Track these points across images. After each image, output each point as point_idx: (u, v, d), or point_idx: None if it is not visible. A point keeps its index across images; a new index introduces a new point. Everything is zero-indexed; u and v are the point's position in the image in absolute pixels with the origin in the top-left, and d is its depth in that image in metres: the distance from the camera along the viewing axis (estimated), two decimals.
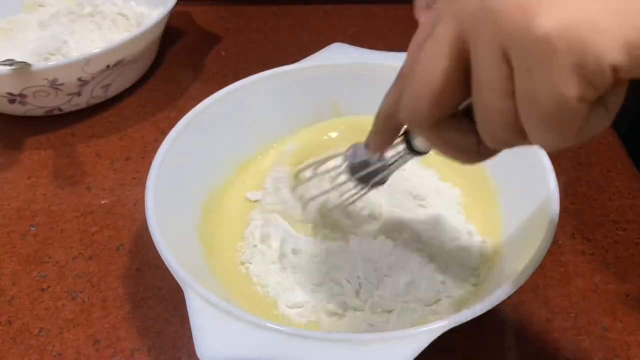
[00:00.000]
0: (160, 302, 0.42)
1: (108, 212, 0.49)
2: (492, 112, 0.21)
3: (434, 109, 0.23)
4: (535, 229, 0.35)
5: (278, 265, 0.41)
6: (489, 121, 0.22)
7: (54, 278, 0.44)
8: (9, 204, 0.50)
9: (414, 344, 0.29)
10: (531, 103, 0.20)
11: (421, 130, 0.25)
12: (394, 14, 0.75)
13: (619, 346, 0.38)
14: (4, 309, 0.42)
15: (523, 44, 0.19)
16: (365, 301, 0.37)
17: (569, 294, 0.41)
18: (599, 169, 0.51)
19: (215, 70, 0.66)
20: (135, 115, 0.60)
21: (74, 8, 0.68)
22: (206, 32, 0.73)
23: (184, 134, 0.43)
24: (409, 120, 0.25)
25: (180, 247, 0.37)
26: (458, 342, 0.38)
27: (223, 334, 0.30)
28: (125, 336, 0.40)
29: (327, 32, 0.72)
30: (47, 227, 0.48)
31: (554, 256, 0.43)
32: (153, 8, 0.68)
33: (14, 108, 0.57)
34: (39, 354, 0.39)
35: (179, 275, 0.33)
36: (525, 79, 0.19)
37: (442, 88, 0.23)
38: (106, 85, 0.59)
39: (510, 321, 0.40)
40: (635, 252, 0.44)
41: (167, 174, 0.40)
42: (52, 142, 0.57)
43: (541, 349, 0.38)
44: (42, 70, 0.53)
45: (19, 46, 0.65)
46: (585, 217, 0.47)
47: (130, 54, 0.58)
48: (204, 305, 0.31)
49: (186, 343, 0.39)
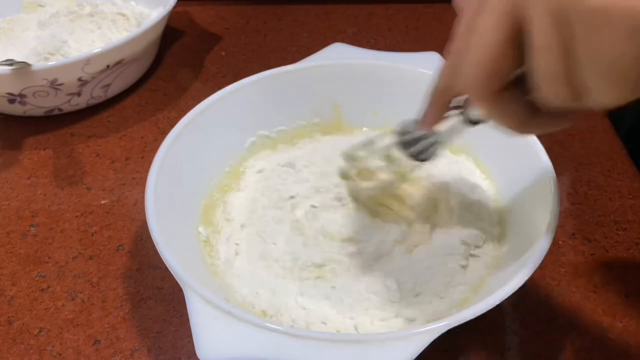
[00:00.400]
0: (160, 302, 0.42)
1: (108, 212, 0.49)
2: (551, 76, 0.23)
3: (492, 78, 0.25)
4: (535, 229, 0.35)
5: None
6: (548, 85, 0.23)
7: (54, 278, 0.44)
8: (8, 204, 0.50)
9: (414, 344, 0.29)
10: (591, 63, 0.21)
11: (480, 99, 0.26)
12: (394, 14, 0.75)
13: (619, 346, 0.38)
14: (3, 309, 0.42)
15: (580, 13, 0.20)
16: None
17: (569, 294, 0.41)
18: (599, 169, 0.51)
19: (215, 70, 0.66)
20: (135, 115, 0.60)
21: (74, 8, 0.68)
22: (206, 32, 0.73)
23: (184, 134, 0.43)
24: (469, 90, 0.26)
25: (180, 247, 0.37)
26: (458, 342, 0.38)
27: (223, 334, 0.30)
28: (125, 336, 0.40)
29: (327, 32, 0.72)
30: (47, 227, 0.48)
31: (554, 256, 0.43)
32: (153, 8, 0.69)
33: (14, 108, 0.57)
34: (39, 354, 0.39)
35: (179, 275, 0.33)
36: (584, 42, 0.21)
37: (499, 57, 0.24)
38: (106, 85, 0.59)
39: (510, 321, 0.40)
40: (635, 252, 0.44)
41: (167, 174, 0.40)
42: (52, 142, 0.57)
43: (541, 349, 0.38)
44: (42, 70, 0.53)
45: (19, 46, 0.65)
46: (585, 217, 0.47)
47: (130, 54, 0.58)
48: (203, 305, 0.31)
49: (186, 343, 0.39)
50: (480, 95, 0.26)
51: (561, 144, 0.53)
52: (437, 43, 0.69)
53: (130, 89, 0.63)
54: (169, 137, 0.42)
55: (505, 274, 0.34)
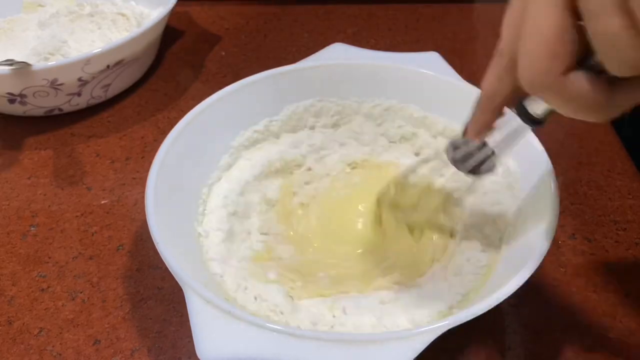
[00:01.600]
0: (160, 302, 0.42)
1: (108, 212, 0.49)
2: (614, 39, 0.22)
3: (553, 61, 0.24)
4: (535, 229, 0.35)
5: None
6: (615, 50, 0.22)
7: (54, 278, 0.44)
8: (9, 204, 0.50)
9: (414, 344, 0.29)
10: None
11: (546, 89, 0.25)
12: (394, 14, 0.75)
13: (619, 346, 0.38)
14: (3, 309, 0.42)
15: None
16: None
17: (569, 294, 0.41)
18: (599, 169, 0.51)
19: (215, 70, 0.66)
20: (135, 115, 0.60)
21: (74, 8, 0.68)
22: (206, 32, 0.73)
23: (184, 134, 0.43)
24: (533, 80, 0.25)
25: (180, 247, 0.37)
26: (458, 342, 0.38)
27: (223, 334, 0.30)
28: (125, 336, 0.40)
29: (327, 32, 0.72)
30: (47, 227, 0.48)
31: (554, 256, 0.43)
32: (153, 8, 0.69)
33: (14, 108, 0.57)
34: (39, 354, 0.39)
35: (179, 275, 0.33)
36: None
37: (558, 38, 0.23)
38: (106, 85, 0.59)
39: (510, 321, 0.40)
40: (635, 252, 0.44)
41: (167, 174, 0.40)
42: (52, 142, 0.57)
43: (541, 349, 0.38)
44: (42, 70, 0.53)
45: (19, 46, 0.65)
46: (585, 217, 0.47)
47: (130, 54, 0.58)
48: (203, 305, 0.31)
49: (186, 343, 0.39)
50: (545, 82, 0.25)
51: (561, 144, 0.53)
52: (437, 43, 0.70)
53: (130, 89, 0.63)
54: (169, 137, 0.42)
55: (505, 274, 0.34)
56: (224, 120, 0.46)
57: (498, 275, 0.37)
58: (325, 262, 0.41)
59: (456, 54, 0.65)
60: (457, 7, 0.76)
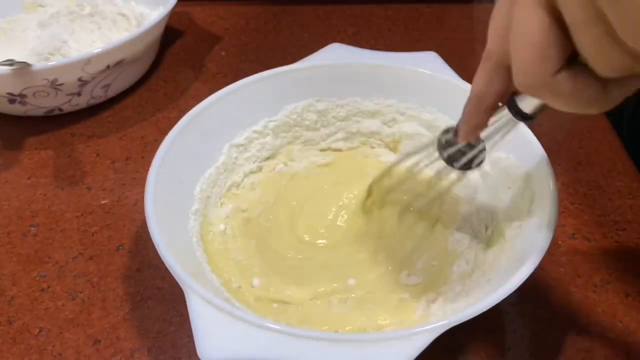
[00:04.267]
0: (160, 302, 0.42)
1: (108, 212, 0.49)
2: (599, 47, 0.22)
3: (546, 64, 0.24)
4: (535, 229, 0.35)
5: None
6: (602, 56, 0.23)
7: (54, 278, 0.44)
8: (9, 204, 0.50)
9: (414, 344, 0.29)
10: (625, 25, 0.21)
11: (541, 90, 0.26)
12: (394, 14, 0.75)
13: (619, 346, 0.38)
14: (3, 309, 0.42)
15: None
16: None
17: (569, 294, 0.41)
18: (599, 169, 0.51)
19: (215, 70, 0.66)
20: (135, 115, 0.60)
21: (74, 8, 0.68)
22: (206, 32, 0.73)
23: (184, 134, 0.43)
24: (527, 83, 0.26)
25: (180, 247, 0.37)
26: (458, 342, 0.38)
27: (223, 334, 0.30)
28: (125, 336, 0.40)
29: (327, 32, 0.72)
30: (47, 227, 0.48)
31: (554, 256, 0.43)
32: (153, 8, 0.68)
33: (14, 108, 0.57)
34: (39, 354, 0.39)
35: (179, 275, 0.33)
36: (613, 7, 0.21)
37: (546, 41, 0.24)
38: (106, 85, 0.59)
39: (510, 321, 0.40)
40: (635, 252, 0.44)
41: (167, 174, 0.40)
42: (52, 142, 0.57)
43: (541, 349, 0.38)
44: (42, 70, 0.53)
45: (19, 46, 0.65)
46: (585, 217, 0.47)
47: (130, 54, 0.58)
48: (204, 305, 0.31)
49: (186, 343, 0.39)
50: (540, 84, 0.25)
51: (561, 144, 0.53)
52: (437, 43, 0.70)
53: (130, 89, 0.63)
54: (168, 137, 0.42)
55: (505, 273, 0.34)
56: (223, 120, 0.46)
57: (497, 276, 0.37)
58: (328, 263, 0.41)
59: (456, 54, 0.65)
60: (457, 7, 0.76)
